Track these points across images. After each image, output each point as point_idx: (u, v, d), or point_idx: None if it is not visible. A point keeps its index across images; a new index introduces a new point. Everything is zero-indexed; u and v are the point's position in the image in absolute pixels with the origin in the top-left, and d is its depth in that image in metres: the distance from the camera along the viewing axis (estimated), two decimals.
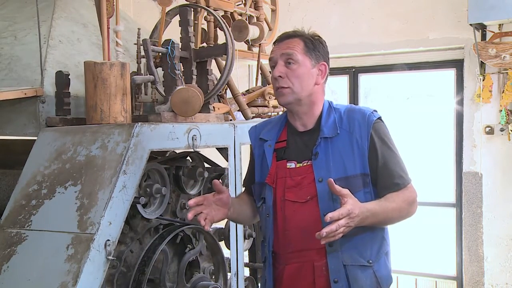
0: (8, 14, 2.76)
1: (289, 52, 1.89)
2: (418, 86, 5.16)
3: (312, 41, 1.93)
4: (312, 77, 1.92)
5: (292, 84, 1.89)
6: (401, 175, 1.88)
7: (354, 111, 1.95)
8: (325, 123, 1.93)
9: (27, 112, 2.35)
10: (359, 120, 1.90)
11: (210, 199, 1.88)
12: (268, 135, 2.03)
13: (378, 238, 1.92)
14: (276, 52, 1.93)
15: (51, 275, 1.85)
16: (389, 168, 1.87)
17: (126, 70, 2.27)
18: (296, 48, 1.90)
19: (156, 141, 2.16)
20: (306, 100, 1.92)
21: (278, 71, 1.90)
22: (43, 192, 2.06)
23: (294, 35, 1.94)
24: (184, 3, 2.62)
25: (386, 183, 1.87)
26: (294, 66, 1.89)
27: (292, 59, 1.89)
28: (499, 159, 4.32)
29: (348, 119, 1.92)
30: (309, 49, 1.91)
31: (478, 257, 4.41)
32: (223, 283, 2.82)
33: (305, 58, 1.90)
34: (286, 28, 2.18)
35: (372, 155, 1.88)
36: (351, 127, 1.90)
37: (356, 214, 1.70)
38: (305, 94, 1.91)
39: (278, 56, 1.91)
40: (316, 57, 1.92)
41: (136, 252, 2.44)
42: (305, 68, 1.90)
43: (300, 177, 1.91)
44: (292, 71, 1.89)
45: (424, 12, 4.52)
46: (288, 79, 1.89)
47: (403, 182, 1.87)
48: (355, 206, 1.70)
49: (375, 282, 1.88)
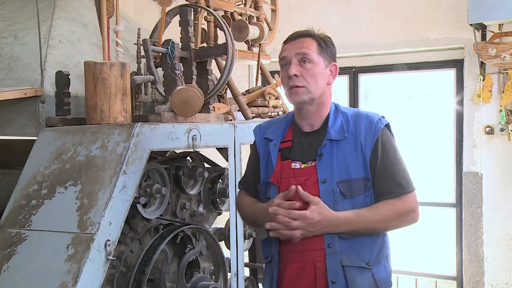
0: (8, 14, 2.76)
1: (304, 52, 1.88)
2: (418, 86, 5.15)
3: (324, 41, 1.93)
4: (325, 77, 1.92)
5: (307, 83, 1.88)
6: (399, 183, 1.86)
7: (361, 116, 1.94)
8: (332, 125, 1.92)
9: (27, 112, 2.35)
10: (365, 126, 1.90)
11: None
12: (273, 134, 2.03)
13: (379, 241, 1.92)
14: (289, 51, 1.91)
15: (51, 275, 1.85)
16: (386, 175, 1.86)
17: (126, 70, 2.27)
18: (311, 47, 1.89)
19: (156, 141, 2.16)
20: (318, 100, 1.92)
21: (294, 70, 1.88)
22: (43, 192, 2.06)
23: (307, 34, 1.93)
24: (184, 3, 2.62)
25: (382, 190, 1.86)
26: (309, 66, 1.88)
27: (307, 58, 1.88)
28: (499, 159, 4.31)
29: (355, 124, 1.91)
30: (322, 49, 1.91)
31: (478, 257, 4.40)
32: (223, 283, 2.82)
33: (319, 58, 1.90)
34: (286, 28, 2.18)
35: (373, 161, 1.87)
36: (357, 131, 1.90)
37: (314, 220, 1.76)
38: (319, 93, 1.91)
39: (293, 55, 1.90)
40: (328, 58, 1.93)
41: (136, 252, 2.44)
42: (319, 67, 1.90)
43: (303, 178, 1.90)
44: (307, 71, 1.88)
45: (424, 12, 4.52)
46: (304, 78, 1.88)
47: (400, 191, 1.85)
48: (315, 212, 1.77)
49: (373, 285, 1.87)
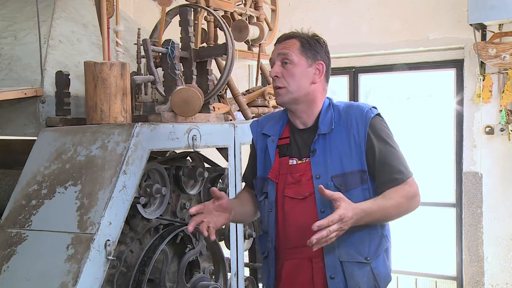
0: (8, 14, 2.76)
1: (284, 52, 1.92)
2: (418, 86, 5.16)
3: (308, 40, 1.94)
4: (308, 76, 1.93)
5: (287, 83, 1.91)
6: (400, 169, 1.86)
7: (352, 107, 1.95)
8: (322, 120, 1.94)
9: (27, 112, 2.35)
10: (356, 117, 1.91)
11: (209, 206, 1.88)
12: (271, 130, 2.04)
13: (377, 235, 1.92)
14: (274, 53, 1.97)
15: (51, 275, 1.84)
16: (387, 164, 1.86)
17: (126, 70, 2.27)
18: (291, 48, 1.92)
19: (156, 141, 2.16)
20: (303, 99, 1.93)
21: (274, 71, 1.94)
22: (43, 192, 2.06)
23: (291, 35, 1.96)
24: (184, 3, 2.62)
25: (384, 178, 1.86)
26: (289, 66, 1.92)
27: (287, 59, 1.92)
28: (499, 159, 4.31)
29: (346, 115, 1.93)
30: (305, 49, 1.93)
31: (478, 257, 4.40)
32: (223, 283, 2.82)
33: (300, 58, 1.92)
34: (286, 28, 2.19)
35: (369, 151, 1.87)
36: (349, 123, 1.91)
37: (349, 217, 1.70)
38: (302, 93, 1.92)
39: (276, 57, 1.95)
40: (312, 57, 1.93)
41: (136, 252, 2.44)
42: (300, 67, 1.91)
43: (299, 174, 1.92)
44: (287, 71, 1.92)
45: (424, 12, 4.52)
46: (284, 79, 1.92)
47: (402, 177, 1.85)
48: (348, 210, 1.70)
49: (372, 279, 1.88)
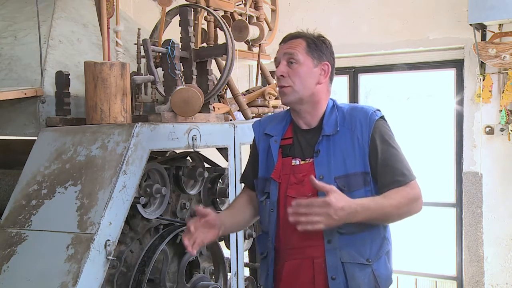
0: (8, 14, 2.76)
1: (290, 52, 1.92)
2: (418, 86, 5.16)
3: (314, 41, 1.95)
4: (314, 77, 1.93)
5: (293, 83, 1.91)
6: (403, 172, 1.86)
7: (356, 110, 1.96)
8: (327, 121, 1.94)
9: (27, 112, 2.35)
10: (360, 119, 1.91)
11: (197, 224, 1.88)
12: (274, 130, 2.04)
13: (379, 237, 1.92)
14: (280, 52, 1.97)
15: (51, 275, 1.84)
16: (389, 166, 1.86)
17: (126, 70, 2.27)
18: (298, 48, 1.92)
19: (156, 141, 2.16)
20: (308, 99, 1.93)
21: (280, 70, 1.93)
22: (43, 192, 2.06)
23: (297, 35, 1.96)
24: (184, 3, 2.62)
25: (386, 180, 1.86)
26: (296, 66, 1.91)
27: (293, 59, 1.91)
28: (499, 159, 4.31)
29: (350, 118, 1.93)
30: (311, 49, 1.93)
31: (478, 257, 4.40)
32: (223, 283, 2.82)
33: (306, 57, 1.92)
34: (286, 28, 2.19)
35: (372, 153, 1.88)
36: (353, 125, 1.91)
37: (339, 207, 1.69)
38: (307, 93, 1.92)
39: (281, 56, 1.94)
40: (318, 57, 1.94)
41: (136, 252, 2.44)
42: (306, 67, 1.92)
43: (301, 174, 1.92)
44: (293, 70, 1.91)
45: (424, 12, 4.52)
46: (290, 78, 1.92)
47: (405, 179, 1.85)
48: (338, 200, 1.70)
49: (373, 281, 1.88)
